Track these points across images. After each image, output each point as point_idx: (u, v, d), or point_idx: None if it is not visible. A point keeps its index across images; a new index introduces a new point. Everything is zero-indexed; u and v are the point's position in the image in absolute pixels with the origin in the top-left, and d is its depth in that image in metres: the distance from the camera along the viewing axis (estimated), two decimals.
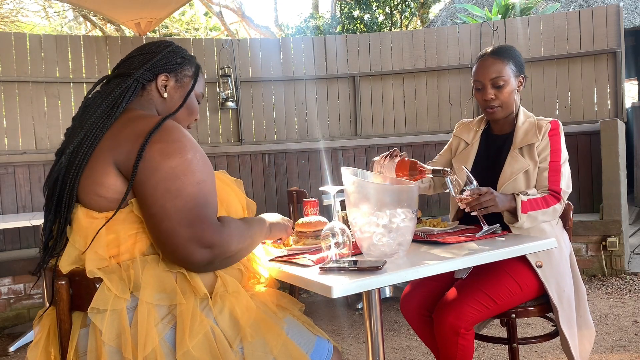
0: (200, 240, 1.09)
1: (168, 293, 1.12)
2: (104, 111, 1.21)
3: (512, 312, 1.76)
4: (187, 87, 1.35)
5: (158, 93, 1.31)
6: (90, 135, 1.17)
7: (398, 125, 5.22)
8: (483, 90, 1.84)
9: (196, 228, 1.09)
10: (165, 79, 1.30)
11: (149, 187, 1.10)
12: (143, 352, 1.05)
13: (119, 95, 1.23)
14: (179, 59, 1.33)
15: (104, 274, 1.10)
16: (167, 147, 1.12)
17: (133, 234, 1.14)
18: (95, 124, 1.19)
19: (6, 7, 11.95)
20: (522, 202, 1.64)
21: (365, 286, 1.14)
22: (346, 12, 10.92)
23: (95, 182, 1.14)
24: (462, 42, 5.14)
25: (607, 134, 4.04)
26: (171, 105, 1.32)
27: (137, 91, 1.26)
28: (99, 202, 1.14)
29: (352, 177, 1.33)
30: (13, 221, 3.05)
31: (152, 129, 1.13)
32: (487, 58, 1.85)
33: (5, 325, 3.62)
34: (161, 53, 1.30)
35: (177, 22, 14.24)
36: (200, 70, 1.40)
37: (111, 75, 1.31)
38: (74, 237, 1.15)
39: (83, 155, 1.16)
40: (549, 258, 1.75)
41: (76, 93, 4.65)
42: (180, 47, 1.37)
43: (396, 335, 3.02)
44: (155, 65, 1.28)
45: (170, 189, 1.10)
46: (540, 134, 1.79)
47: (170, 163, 1.11)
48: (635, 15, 7.93)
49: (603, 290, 3.69)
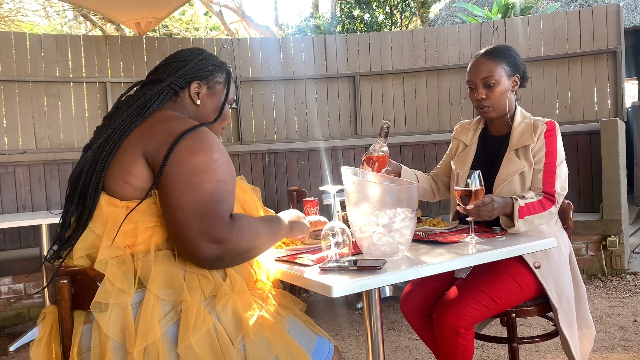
0: (209, 234, 1.10)
1: (174, 289, 1.13)
2: (133, 111, 1.25)
3: (512, 312, 1.76)
4: (219, 94, 1.39)
5: (191, 100, 1.35)
6: (118, 132, 1.22)
7: (398, 124, 5.22)
8: (475, 90, 1.85)
9: (207, 222, 1.11)
10: (197, 87, 1.34)
11: (171, 178, 1.13)
12: (142, 343, 1.06)
13: (149, 98, 1.27)
14: (211, 67, 1.36)
15: (110, 266, 1.11)
16: (195, 145, 1.16)
17: (151, 227, 1.16)
18: (124, 122, 1.23)
19: (6, 7, 11.95)
20: (519, 207, 1.64)
21: (365, 286, 1.14)
22: (346, 11, 10.91)
23: (122, 169, 1.18)
24: (462, 42, 5.14)
25: (607, 133, 4.04)
26: (203, 111, 1.36)
27: (169, 96, 1.31)
28: (124, 189, 1.17)
29: (352, 176, 1.33)
30: (13, 221, 3.04)
31: (188, 129, 1.17)
32: (479, 58, 1.85)
33: (5, 325, 3.62)
34: (193, 61, 1.33)
35: (177, 22, 14.24)
36: (231, 75, 1.43)
37: (145, 80, 1.35)
38: (94, 223, 1.17)
39: (110, 150, 1.20)
40: (547, 258, 1.75)
41: (76, 92, 4.65)
42: (212, 55, 1.40)
43: (396, 335, 3.02)
44: (188, 72, 1.32)
45: (190, 183, 1.13)
46: (536, 135, 1.78)
47: (196, 159, 1.14)
48: (635, 14, 7.94)
49: (603, 289, 3.69)
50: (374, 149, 1.75)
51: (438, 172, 2.11)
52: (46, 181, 4.25)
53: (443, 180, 2.09)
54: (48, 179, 4.26)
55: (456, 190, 1.47)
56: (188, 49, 1.40)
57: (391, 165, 1.89)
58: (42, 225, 3.09)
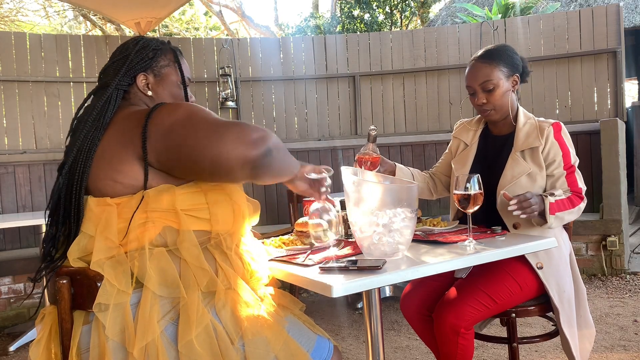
0: (243, 136, 1.09)
1: (169, 286, 1.12)
2: (91, 126, 1.23)
3: (512, 312, 1.76)
4: (169, 76, 1.34)
5: (142, 93, 1.31)
6: (84, 151, 1.20)
7: (398, 124, 5.22)
8: (475, 96, 1.85)
9: (235, 129, 1.09)
10: (144, 78, 1.31)
11: (173, 139, 1.12)
12: (142, 341, 1.06)
13: (101, 108, 1.25)
14: (151, 53, 1.31)
15: (107, 267, 1.10)
16: (167, 107, 1.17)
17: (142, 223, 1.15)
18: (86, 139, 1.21)
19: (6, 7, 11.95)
20: (550, 204, 1.66)
21: (365, 286, 1.14)
22: (346, 11, 10.91)
23: (112, 169, 1.17)
24: (462, 42, 5.14)
25: (607, 133, 4.04)
26: (161, 100, 1.33)
27: (119, 99, 1.28)
28: (114, 188, 1.16)
29: (352, 176, 1.33)
30: (13, 221, 3.04)
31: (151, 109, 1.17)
32: (475, 63, 1.85)
33: (5, 325, 3.62)
34: (132, 54, 1.30)
35: (177, 22, 14.24)
36: (178, 53, 1.37)
37: (95, 88, 1.33)
38: (86, 225, 1.16)
39: (81, 172, 1.18)
40: (549, 259, 1.75)
41: (76, 92, 4.65)
42: (150, 40, 1.34)
43: (396, 335, 3.02)
44: (129, 67, 1.29)
45: (192, 125, 1.11)
46: (543, 138, 1.78)
47: (179, 112, 1.15)
48: (635, 14, 7.93)
49: (603, 289, 3.69)
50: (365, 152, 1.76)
51: (436, 171, 2.11)
52: (46, 181, 4.25)
53: (441, 178, 2.09)
54: (48, 179, 4.26)
55: (455, 194, 1.47)
56: (125, 42, 1.35)
57: (385, 164, 1.89)
58: (42, 225, 3.10)
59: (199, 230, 1.17)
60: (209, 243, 1.19)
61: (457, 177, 1.50)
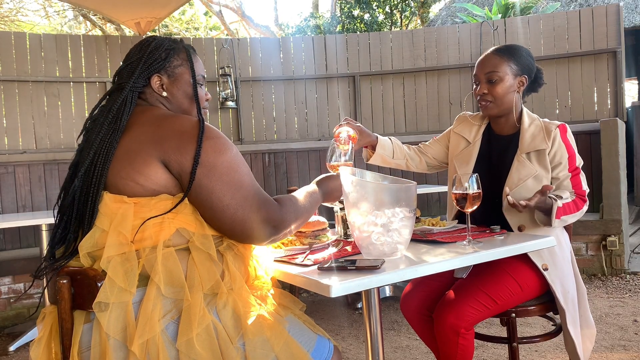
0: (269, 220, 1.20)
1: (174, 287, 1.13)
2: (108, 128, 1.23)
3: (512, 312, 1.76)
4: (183, 76, 1.33)
5: (158, 94, 1.31)
6: (101, 154, 1.20)
7: (398, 124, 5.22)
8: (479, 85, 1.85)
9: (263, 211, 1.20)
10: (158, 79, 1.31)
11: (211, 182, 1.17)
12: (142, 337, 1.06)
13: (117, 110, 1.25)
14: (163, 54, 1.31)
15: (113, 264, 1.10)
16: (215, 144, 1.19)
17: (159, 222, 1.15)
18: (103, 142, 1.21)
19: (6, 7, 11.95)
20: (557, 208, 1.66)
21: (364, 285, 1.14)
22: (346, 11, 10.91)
23: (134, 170, 1.17)
24: (462, 42, 5.14)
25: (607, 133, 4.04)
26: (175, 100, 1.33)
27: (135, 101, 1.28)
28: (134, 189, 1.16)
29: (351, 176, 1.33)
30: (13, 221, 3.04)
31: (200, 132, 1.18)
32: (488, 54, 1.85)
33: (5, 325, 3.62)
34: (145, 55, 1.30)
35: (177, 22, 14.24)
36: (191, 52, 1.36)
37: (111, 89, 1.33)
38: (100, 219, 1.16)
39: (99, 175, 1.18)
40: (553, 260, 1.75)
41: (76, 92, 4.65)
42: (162, 39, 1.34)
43: (396, 335, 3.02)
44: (143, 69, 1.29)
45: (233, 181, 1.18)
46: (550, 140, 1.77)
47: (224, 158, 1.19)
48: (635, 14, 7.93)
49: (603, 289, 3.69)
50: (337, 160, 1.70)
51: (427, 151, 2.08)
52: (46, 181, 4.25)
53: (428, 160, 2.08)
54: (48, 178, 4.26)
55: (454, 193, 1.47)
56: (138, 42, 1.34)
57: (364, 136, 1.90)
58: (42, 225, 3.10)
59: (213, 234, 1.20)
60: (222, 245, 1.21)
61: (455, 175, 1.50)
